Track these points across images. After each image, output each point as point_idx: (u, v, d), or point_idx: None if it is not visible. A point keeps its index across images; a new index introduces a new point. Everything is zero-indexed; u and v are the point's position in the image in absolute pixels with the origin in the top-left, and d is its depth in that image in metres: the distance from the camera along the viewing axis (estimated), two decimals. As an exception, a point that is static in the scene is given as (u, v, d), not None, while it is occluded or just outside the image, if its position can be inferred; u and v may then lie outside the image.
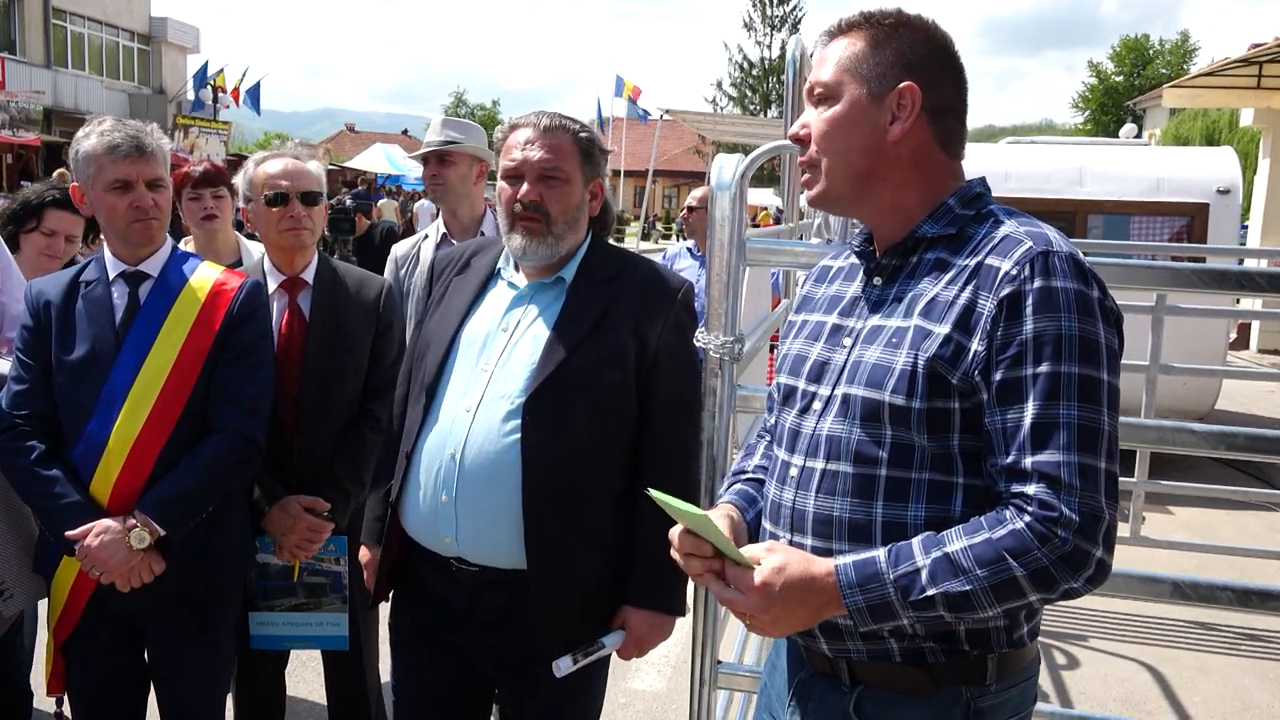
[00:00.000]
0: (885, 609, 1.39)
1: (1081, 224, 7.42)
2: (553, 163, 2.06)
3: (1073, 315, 1.38)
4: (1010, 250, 1.43)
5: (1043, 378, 1.37)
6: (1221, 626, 4.77)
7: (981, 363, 1.41)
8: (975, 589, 1.34)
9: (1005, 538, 1.34)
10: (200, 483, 2.32)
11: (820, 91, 1.57)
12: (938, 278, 1.49)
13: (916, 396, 1.43)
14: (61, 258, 3.27)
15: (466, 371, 2.10)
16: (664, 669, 4.16)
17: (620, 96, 24.09)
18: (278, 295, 2.74)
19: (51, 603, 2.45)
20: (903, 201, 1.56)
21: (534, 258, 2.10)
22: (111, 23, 31.75)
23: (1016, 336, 1.39)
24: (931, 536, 1.41)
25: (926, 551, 1.38)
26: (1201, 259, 6.40)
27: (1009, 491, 1.38)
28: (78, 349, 2.32)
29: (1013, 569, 1.33)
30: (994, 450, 1.41)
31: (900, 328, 1.49)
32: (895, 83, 1.51)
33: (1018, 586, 1.34)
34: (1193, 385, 7.01)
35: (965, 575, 1.35)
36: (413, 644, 2.24)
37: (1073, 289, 1.39)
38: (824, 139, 1.56)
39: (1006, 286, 1.40)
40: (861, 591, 1.39)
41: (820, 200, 1.62)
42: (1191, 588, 2.09)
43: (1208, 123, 22.66)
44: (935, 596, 1.36)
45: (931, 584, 1.36)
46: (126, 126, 2.35)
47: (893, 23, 1.55)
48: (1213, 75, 14.14)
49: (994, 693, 1.50)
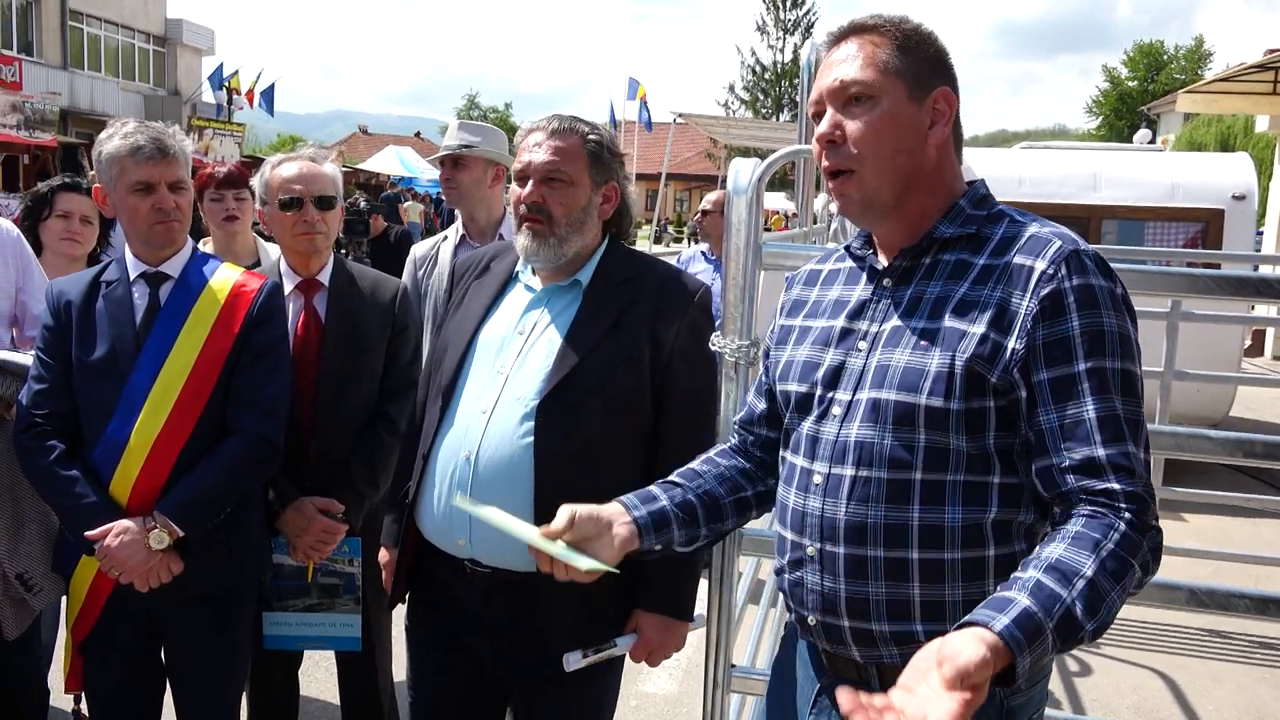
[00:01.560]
0: (1040, 655, 1.27)
1: (1096, 229, 7.40)
2: (556, 165, 2.07)
3: (1110, 311, 1.41)
4: (1041, 249, 1.44)
5: (1095, 374, 1.39)
6: (1235, 634, 4.75)
7: (1020, 361, 1.41)
8: (1113, 603, 1.32)
9: (1122, 542, 1.33)
10: (219, 484, 2.34)
11: (858, 90, 1.49)
12: (962, 278, 1.49)
13: (955, 398, 1.43)
14: (82, 240, 3.31)
15: (483, 373, 2.11)
16: (675, 672, 4.16)
17: (634, 99, 24.08)
18: (293, 297, 2.76)
19: (70, 601, 2.47)
20: (929, 206, 1.55)
21: (537, 259, 2.11)
22: (127, 25, 31.96)
23: (1064, 333, 1.40)
24: (1064, 561, 1.31)
25: (1070, 582, 1.29)
26: (1216, 265, 6.37)
27: (1084, 488, 1.37)
28: (98, 349, 2.34)
29: (1135, 570, 1.34)
30: (1051, 448, 1.40)
31: (928, 329, 1.48)
32: (932, 87, 1.50)
33: (1137, 582, 1.35)
34: (1207, 392, 6.97)
35: (1108, 597, 1.31)
36: (428, 647, 2.25)
37: (1105, 286, 1.42)
38: (868, 141, 1.49)
39: (1046, 285, 1.41)
40: (1030, 653, 1.25)
41: (860, 208, 1.55)
42: (1208, 595, 2.08)
43: (1222, 128, 22.57)
44: (1087, 631, 1.29)
45: (1087, 619, 1.28)
46: (149, 129, 2.37)
47: (911, 28, 1.54)
48: (1228, 81, 14.08)
49: (1024, 690, 1.51)
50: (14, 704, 2.80)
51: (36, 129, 22.35)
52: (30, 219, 3.26)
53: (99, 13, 30.44)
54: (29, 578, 2.58)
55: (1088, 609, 1.28)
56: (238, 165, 3.56)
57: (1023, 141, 10.71)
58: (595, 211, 2.14)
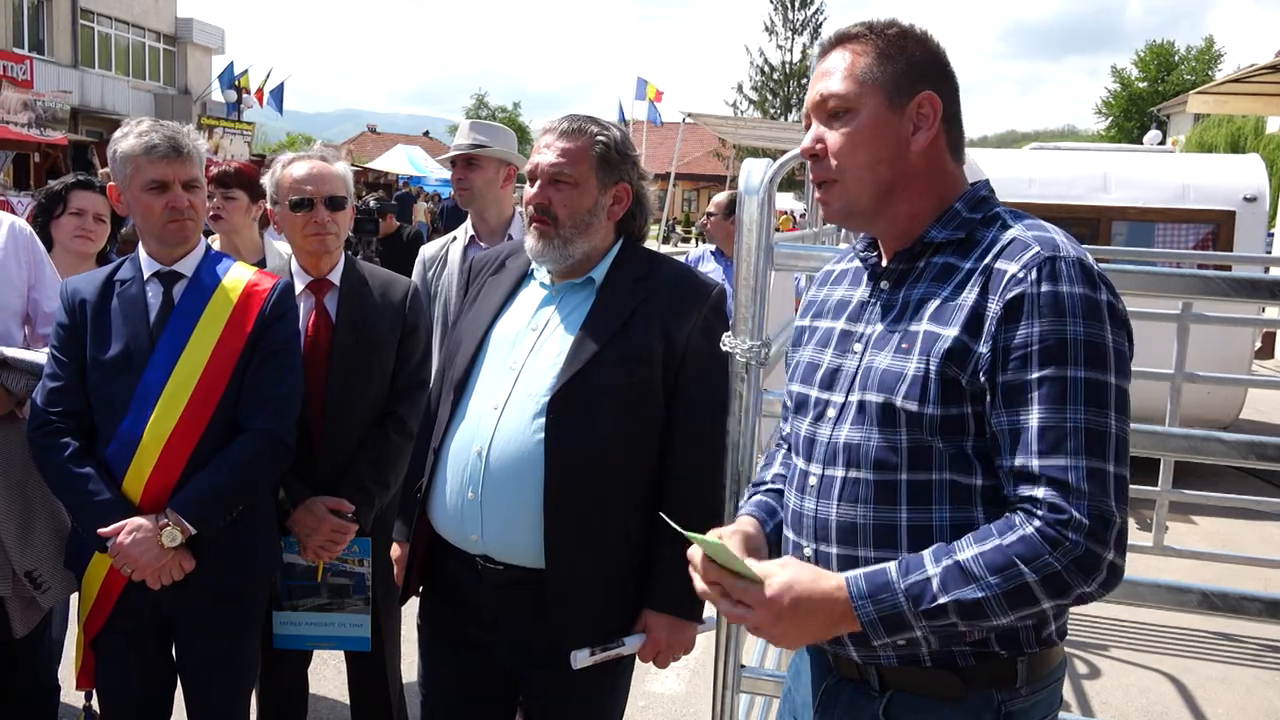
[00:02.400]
0: (898, 619, 1.38)
1: (1106, 230, 7.38)
2: (560, 166, 2.08)
3: (1079, 319, 1.37)
4: (1018, 254, 1.43)
5: (1048, 382, 1.36)
6: (1244, 638, 4.73)
7: (987, 365, 1.41)
8: (988, 596, 1.34)
9: (1016, 543, 1.34)
10: (231, 482, 2.35)
11: (836, 104, 1.53)
12: (946, 282, 1.49)
13: (930, 402, 1.43)
14: (95, 238, 3.33)
15: (495, 370, 2.12)
16: (683, 672, 4.16)
17: (643, 99, 24.05)
18: (304, 296, 2.77)
19: (82, 598, 2.48)
20: (919, 210, 1.55)
21: (544, 259, 2.12)
22: (138, 23, 32.07)
23: (1021, 339, 1.38)
24: (943, 546, 1.40)
25: (937, 560, 1.38)
26: (1227, 267, 6.34)
27: (1017, 495, 1.38)
28: (112, 347, 2.35)
29: (1024, 575, 1.33)
30: (1000, 452, 1.41)
31: (910, 332, 1.49)
32: (914, 93, 1.51)
33: (1030, 592, 1.34)
34: (1218, 394, 6.95)
35: (977, 582, 1.34)
36: (440, 644, 2.26)
37: (1079, 293, 1.39)
38: (846, 153, 1.53)
39: (1013, 289, 1.40)
40: (873, 602, 1.39)
41: (842, 216, 1.60)
42: (1220, 598, 2.07)
43: (1232, 129, 22.48)
44: (947, 604, 1.35)
45: (943, 592, 1.35)
46: (164, 128, 2.39)
47: (896, 33, 1.54)
48: (1239, 82, 14.01)
49: (1024, 696, 1.50)
50: (24, 701, 2.82)
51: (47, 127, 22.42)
52: (43, 215, 3.28)
53: (109, 11, 30.55)
54: (38, 576, 2.59)
55: (944, 585, 1.35)
56: (240, 164, 3.54)
57: (1032, 142, 10.68)
58: (603, 213, 2.14)
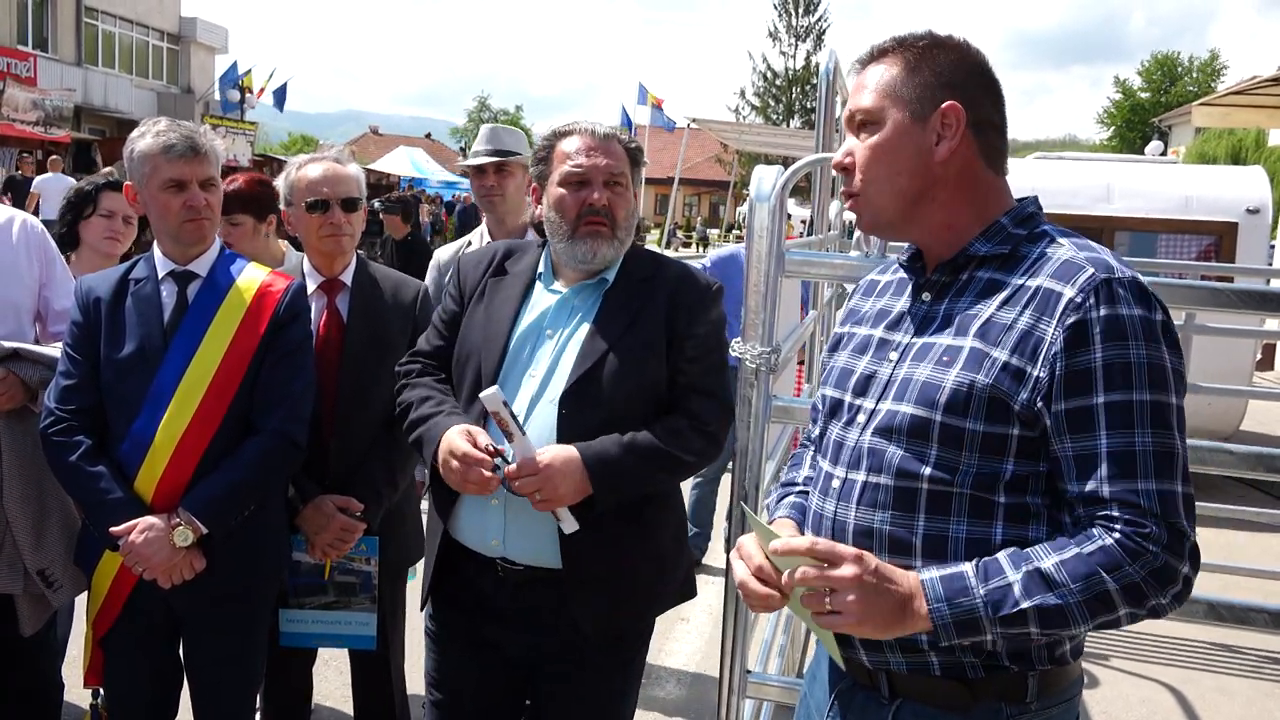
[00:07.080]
0: (973, 624, 1.38)
1: (1108, 240, 7.39)
2: (618, 169, 2.17)
3: (1140, 342, 1.39)
4: (1072, 275, 1.44)
5: (1115, 406, 1.38)
6: (1244, 649, 4.74)
7: (1044, 390, 1.42)
8: (1069, 603, 1.36)
9: (1097, 553, 1.36)
10: (243, 481, 2.36)
11: (862, 118, 1.58)
12: (992, 298, 1.50)
13: (971, 418, 1.44)
14: (123, 239, 3.34)
15: (516, 377, 2.14)
16: (684, 677, 4.16)
17: (644, 104, 24.14)
18: (316, 297, 2.78)
19: (92, 596, 2.48)
20: (954, 220, 1.57)
21: (601, 261, 2.16)
22: (142, 22, 32.10)
23: (1085, 365, 1.40)
24: (1018, 552, 1.41)
25: (1016, 566, 1.39)
26: (1230, 278, 6.36)
27: (1090, 515, 1.40)
28: (126, 346, 2.36)
29: (1106, 583, 1.35)
30: (1066, 477, 1.42)
31: (953, 346, 1.49)
32: (937, 103, 1.53)
33: (1110, 601, 1.36)
34: (1218, 405, 6.96)
35: (1059, 590, 1.36)
36: (453, 641, 2.27)
37: (1138, 315, 1.40)
38: (869, 165, 1.57)
39: (1072, 315, 1.41)
40: (949, 605, 1.39)
41: (871, 227, 1.64)
42: (1226, 609, 2.09)
43: (1233, 141, 22.51)
44: (1028, 611, 1.36)
45: (1025, 598, 1.36)
46: (181, 127, 2.41)
47: (926, 44, 1.57)
48: (1242, 94, 14.05)
49: (1034, 711, 1.51)
50: (28, 698, 2.82)
51: (52, 125, 22.49)
52: (73, 214, 3.28)
53: (114, 10, 30.57)
54: (50, 574, 2.60)
55: (1026, 591, 1.36)
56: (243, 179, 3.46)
57: (1035, 152, 10.69)
58: (637, 213, 2.27)
